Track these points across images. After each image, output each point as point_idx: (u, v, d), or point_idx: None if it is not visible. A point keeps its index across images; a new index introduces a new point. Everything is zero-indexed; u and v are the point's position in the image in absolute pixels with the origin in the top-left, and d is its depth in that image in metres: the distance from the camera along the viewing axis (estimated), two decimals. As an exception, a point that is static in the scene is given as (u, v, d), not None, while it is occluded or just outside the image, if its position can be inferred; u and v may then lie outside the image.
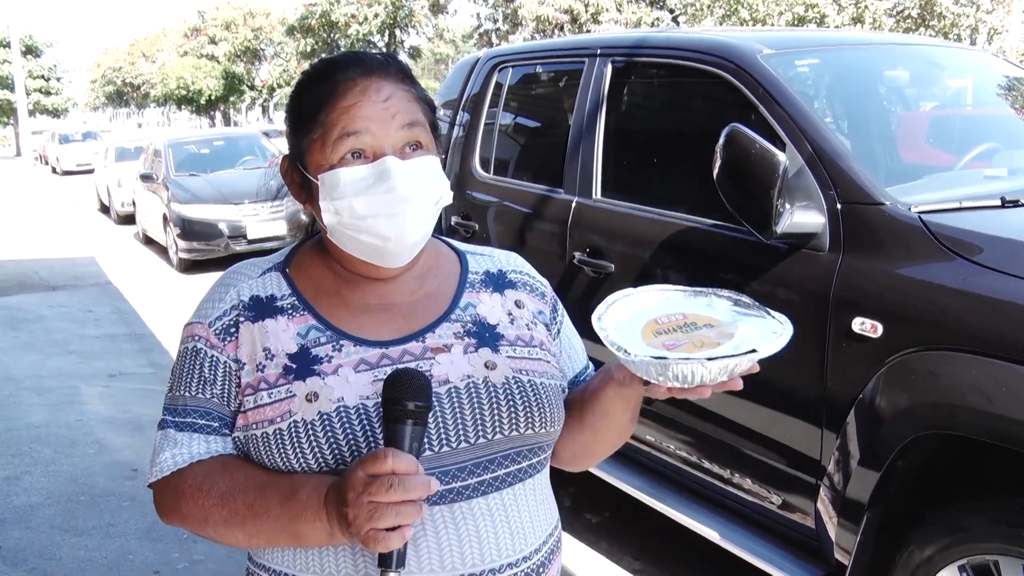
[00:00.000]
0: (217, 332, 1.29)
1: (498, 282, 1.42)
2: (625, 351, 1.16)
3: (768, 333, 1.19)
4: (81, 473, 4.79)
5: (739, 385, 1.18)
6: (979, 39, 19.41)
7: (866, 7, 19.08)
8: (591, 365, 1.52)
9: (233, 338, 1.29)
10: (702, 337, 1.19)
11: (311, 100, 1.30)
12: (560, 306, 1.49)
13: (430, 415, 1.21)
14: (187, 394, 1.29)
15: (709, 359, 1.13)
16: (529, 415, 1.28)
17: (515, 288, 1.43)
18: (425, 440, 1.21)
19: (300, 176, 1.34)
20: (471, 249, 1.48)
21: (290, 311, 1.30)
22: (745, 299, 1.28)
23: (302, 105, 1.31)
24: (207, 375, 1.28)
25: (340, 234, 1.30)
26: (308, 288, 1.34)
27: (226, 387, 1.28)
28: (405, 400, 1.11)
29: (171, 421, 1.29)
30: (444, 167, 1.46)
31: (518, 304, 1.40)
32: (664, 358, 1.14)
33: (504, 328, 1.35)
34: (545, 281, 1.50)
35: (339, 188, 1.26)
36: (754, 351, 1.14)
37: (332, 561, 1.23)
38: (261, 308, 1.30)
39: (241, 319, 1.30)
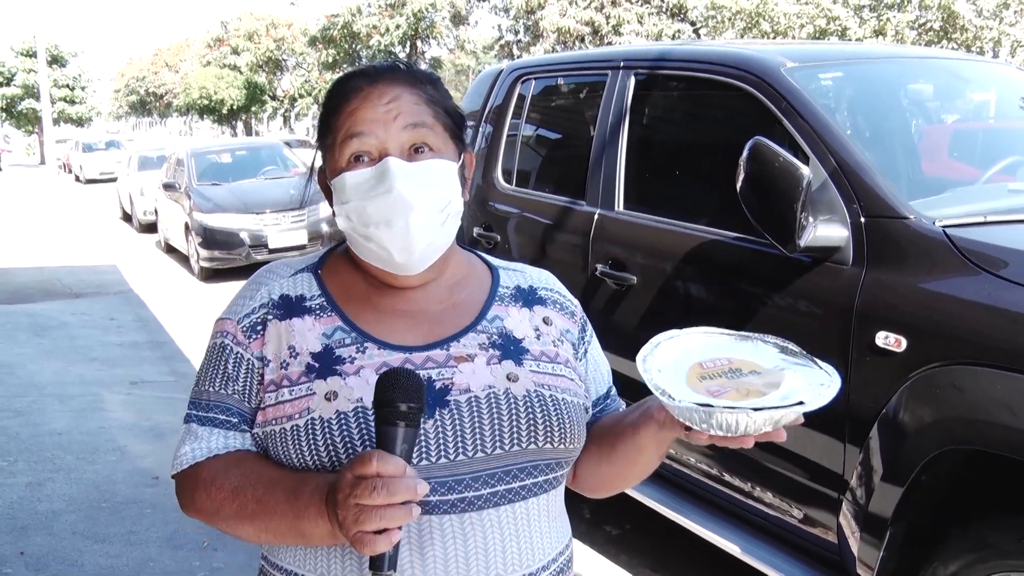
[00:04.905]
0: (244, 329, 1.32)
1: (528, 297, 1.42)
2: (670, 396, 1.15)
3: (815, 384, 1.17)
4: (103, 480, 4.82)
5: (783, 436, 1.17)
6: (1002, 52, 19.29)
7: (888, 20, 19.01)
8: (615, 390, 1.51)
9: (259, 336, 1.31)
10: (748, 384, 1.17)
11: (324, 110, 1.36)
12: (589, 327, 1.49)
13: (450, 422, 1.22)
14: (211, 389, 1.32)
15: (755, 409, 1.11)
16: (548, 429, 1.28)
17: (544, 305, 1.43)
18: (440, 447, 1.22)
19: (326, 183, 1.37)
20: (504, 264, 1.49)
21: (318, 311, 1.32)
22: (792, 346, 1.26)
23: (321, 116, 1.37)
24: (230, 372, 1.31)
25: (354, 241, 1.33)
26: (338, 291, 1.35)
27: (248, 384, 1.30)
28: (397, 401, 1.09)
29: (195, 415, 1.32)
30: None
31: (546, 321, 1.40)
32: (709, 406, 1.12)
33: (530, 343, 1.35)
34: (576, 302, 1.49)
35: (346, 191, 1.29)
36: (801, 403, 1.12)
37: (339, 563, 1.24)
38: (290, 307, 1.32)
39: (269, 317, 1.31)
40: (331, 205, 1.38)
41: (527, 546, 1.27)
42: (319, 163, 1.41)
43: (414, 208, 1.26)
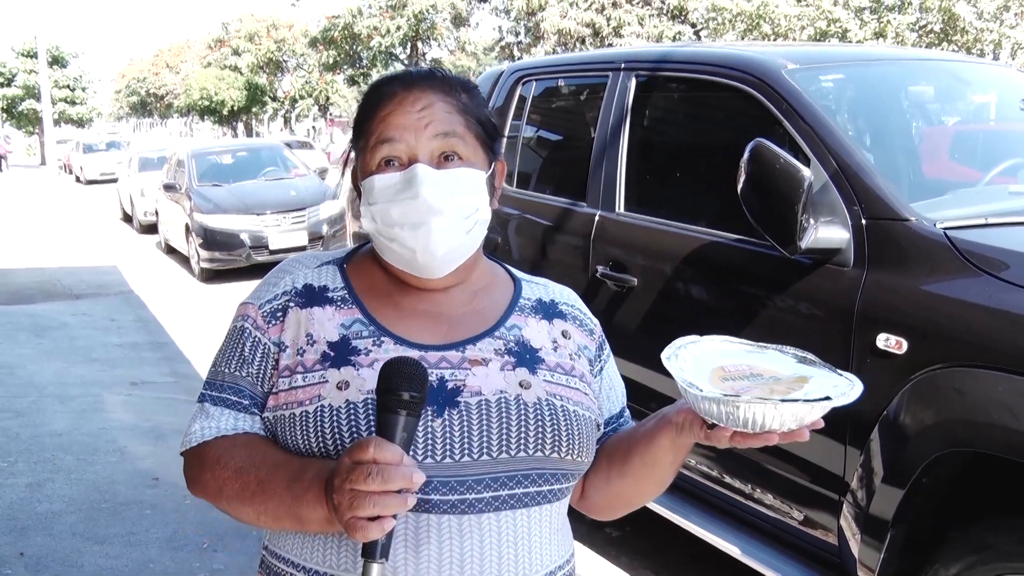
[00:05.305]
0: (265, 315, 1.35)
1: (548, 310, 1.43)
2: (697, 387, 1.15)
3: (840, 386, 1.17)
4: (103, 481, 4.81)
5: (806, 436, 1.17)
6: (1003, 54, 19.28)
7: (888, 22, 19.00)
8: (628, 412, 1.51)
9: (279, 322, 1.33)
10: (772, 385, 1.17)
11: (359, 113, 1.38)
12: (607, 347, 1.49)
13: (458, 423, 1.23)
14: (226, 370, 1.34)
15: (783, 401, 1.12)
16: (557, 438, 1.27)
17: (564, 319, 1.44)
18: (447, 447, 1.22)
19: (358, 184, 1.39)
20: (528, 277, 1.50)
21: (339, 303, 1.34)
22: (811, 356, 1.26)
23: (356, 118, 1.39)
24: (247, 355, 1.33)
25: (378, 242, 1.35)
26: (361, 286, 1.38)
27: (263, 368, 1.32)
28: (401, 390, 1.10)
29: (208, 395, 1.35)
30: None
31: (564, 334, 1.41)
32: (737, 396, 1.13)
33: (546, 353, 1.36)
34: (596, 321, 1.50)
35: (374, 193, 1.31)
36: (828, 398, 1.12)
37: (335, 553, 1.25)
38: (312, 296, 1.35)
39: (291, 304, 1.34)
40: (359, 206, 1.40)
41: (524, 555, 1.27)
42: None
43: (439, 214, 1.28)
